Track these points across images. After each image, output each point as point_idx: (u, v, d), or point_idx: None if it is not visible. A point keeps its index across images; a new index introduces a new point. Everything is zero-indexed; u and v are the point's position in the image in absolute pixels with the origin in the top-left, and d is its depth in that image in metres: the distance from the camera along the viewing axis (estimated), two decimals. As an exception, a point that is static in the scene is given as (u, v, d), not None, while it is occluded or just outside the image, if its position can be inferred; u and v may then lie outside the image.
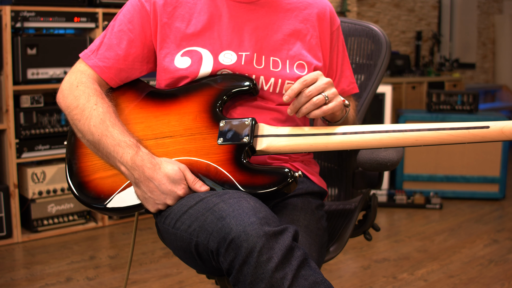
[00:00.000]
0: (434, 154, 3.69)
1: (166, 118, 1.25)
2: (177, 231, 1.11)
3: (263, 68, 1.27)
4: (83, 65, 1.28)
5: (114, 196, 1.19)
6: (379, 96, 3.67)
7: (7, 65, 2.66)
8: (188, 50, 1.26)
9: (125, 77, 1.30)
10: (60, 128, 2.83)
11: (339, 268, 2.53)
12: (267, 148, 1.18)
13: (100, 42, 1.29)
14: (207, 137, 1.20)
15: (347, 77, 1.44)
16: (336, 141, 1.17)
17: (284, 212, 1.23)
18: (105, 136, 1.17)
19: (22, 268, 2.49)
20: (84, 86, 1.23)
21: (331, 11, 1.38)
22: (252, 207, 1.02)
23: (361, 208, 1.49)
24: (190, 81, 1.27)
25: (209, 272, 1.17)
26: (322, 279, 1.00)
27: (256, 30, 1.29)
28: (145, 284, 2.32)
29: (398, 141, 1.15)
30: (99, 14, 2.90)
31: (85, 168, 1.24)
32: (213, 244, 1.01)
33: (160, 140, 1.22)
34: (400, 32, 5.38)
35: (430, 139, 1.13)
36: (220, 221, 1.01)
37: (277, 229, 1.00)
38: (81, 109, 1.21)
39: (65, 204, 2.89)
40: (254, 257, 0.96)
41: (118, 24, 1.28)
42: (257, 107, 1.28)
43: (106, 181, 1.21)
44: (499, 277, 2.44)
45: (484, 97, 6.00)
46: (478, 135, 1.11)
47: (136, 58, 1.29)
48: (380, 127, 1.17)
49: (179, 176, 1.13)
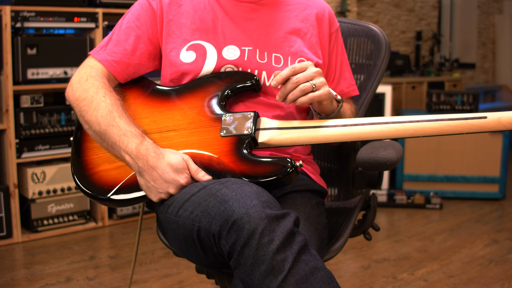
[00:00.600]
0: (434, 154, 3.69)
1: (171, 113, 1.28)
2: (180, 218, 1.12)
3: (266, 63, 1.31)
4: (92, 60, 1.32)
5: (118, 188, 1.20)
6: (379, 96, 3.67)
7: (7, 65, 2.67)
8: (193, 44, 1.30)
9: (132, 72, 1.34)
10: (60, 128, 2.83)
11: (339, 268, 2.53)
12: (269, 141, 1.20)
13: (108, 39, 1.34)
14: (210, 130, 1.22)
15: (346, 79, 1.46)
16: (337, 133, 1.19)
17: (284, 206, 1.25)
18: (111, 126, 1.20)
19: (22, 268, 2.49)
20: (93, 79, 1.27)
21: (330, 13, 1.41)
22: (254, 191, 1.03)
23: (360, 208, 1.49)
24: (192, 77, 1.31)
25: (208, 264, 1.17)
26: (322, 265, 1.01)
27: (258, 28, 1.33)
28: (145, 284, 2.32)
29: (397, 132, 1.17)
30: (99, 14, 2.90)
31: (90, 161, 1.26)
32: (215, 228, 1.02)
33: (165, 134, 1.24)
34: (400, 32, 5.38)
35: (429, 130, 1.15)
36: (223, 205, 1.02)
37: (279, 213, 1.01)
38: (89, 100, 1.24)
39: (65, 204, 2.90)
40: (255, 239, 0.97)
41: (126, 21, 1.33)
42: (259, 102, 1.31)
43: (110, 173, 1.23)
44: (499, 277, 2.44)
45: (484, 97, 6.00)
46: (476, 126, 1.13)
47: (143, 53, 1.33)
48: (379, 119, 1.19)
49: (182, 165, 1.15)
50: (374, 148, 1.34)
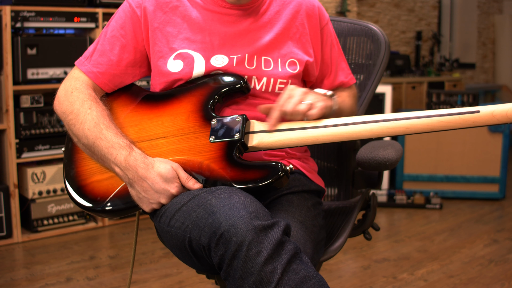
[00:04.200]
0: (434, 154, 3.69)
1: (160, 119, 1.26)
2: (172, 229, 1.12)
3: (255, 68, 1.30)
4: (77, 72, 1.31)
5: (110, 198, 1.20)
6: (379, 96, 3.67)
7: (7, 65, 2.67)
8: (180, 53, 1.28)
9: (118, 82, 1.33)
10: (60, 128, 2.84)
11: (339, 268, 2.53)
12: (258, 144, 1.19)
13: (93, 48, 1.31)
14: (199, 136, 1.21)
15: (343, 69, 1.46)
16: (326, 133, 1.17)
17: (280, 208, 1.24)
18: (99, 139, 1.19)
19: (22, 268, 2.49)
20: (78, 91, 1.26)
21: (319, 8, 1.40)
22: (242, 201, 1.03)
23: (360, 208, 1.49)
24: (184, 82, 1.29)
25: (206, 270, 1.17)
26: (313, 273, 1.00)
27: (247, 33, 1.31)
28: (145, 284, 2.32)
29: (388, 130, 1.15)
30: (99, 14, 2.90)
31: (82, 173, 1.25)
32: (204, 239, 1.02)
33: (154, 142, 1.23)
34: (400, 32, 5.38)
35: (420, 127, 1.13)
36: (211, 216, 1.02)
37: (267, 223, 1.00)
38: (75, 114, 1.23)
39: (65, 204, 2.90)
40: (243, 251, 0.97)
41: (111, 30, 1.31)
42: (249, 105, 1.30)
43: (102, 183, 1.22)
44: (499, 277, 2.44)
45: (484, 97, 6.00)
46: (469, 120, 1.10)
47: (129, 63, 1.31)
48: (370, 117, 1.16)
49: (172, 174, 1.14)
50: (373, 148, 1.34)
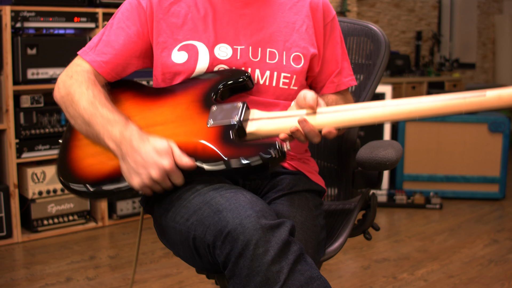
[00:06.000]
0: (434, 154, 3.69)
1: (160, 109, 1.27)
2: (177, 224, 1.12)
3: (259, 60, 1.29)
4: (80, 61, 1.32)
5: (102, 180, 1.19)
6: (379, 96, 3.67)
7: (7, 65, 2.67)
8: (185, 45, 1.29)
9: (121, 70, 1.33)
10: (60, 128, 2.83)
11: (339, 268, 2.53)
12: (257, 131, 1.17)
13: (98, 39, 1.32)
14: (197, 121, 1.20)
15: (345, 69, 1.44)
16: (328, 119, 1.14)
17: (281, 209, 1.24)
18: (94, 116, 1.19)
19: (22, 268, 2.49)
20: (77, 75, 1.27)
21: (324, 3, 1.37)
22: (248, 200, 1.03)
23: (360, 208, 1.49)
24: (185, 78, 1.30)
25: (206, 269, 1.17)
26: (318, 275, 1.00)
27: (251, 24, 1.31)
28: (145, 284, 2.32)
29: (391, 115, 1.12)
30: (99, 14, 2.90)
31: (75, 157, 1.25)
32: (210, 238, 1.02)
33: (152, 128, 1.22)
34: (400, 32, 5.38)
35: (424, 111, 1.10)
36: (217, 215, 1.02)
37: (274, 223, 1.00)
38: (72, 94, 1.24)
39: (65, 204, 2.90)
40: (250, 250, 0.97)
41: (116, 22, 1.32)
42: (253, 102, 1.29)
43: (95, 167, 1.21)
44: (499, 277, 2.44)
45: (484, 97, 5.99)
46: (475, 103, 1.07)
47: (134, 53, 1.31)
48: (372, 104, 1.14)
49: (166, 149, 1.11)
50: (373, 148, 1.34)
